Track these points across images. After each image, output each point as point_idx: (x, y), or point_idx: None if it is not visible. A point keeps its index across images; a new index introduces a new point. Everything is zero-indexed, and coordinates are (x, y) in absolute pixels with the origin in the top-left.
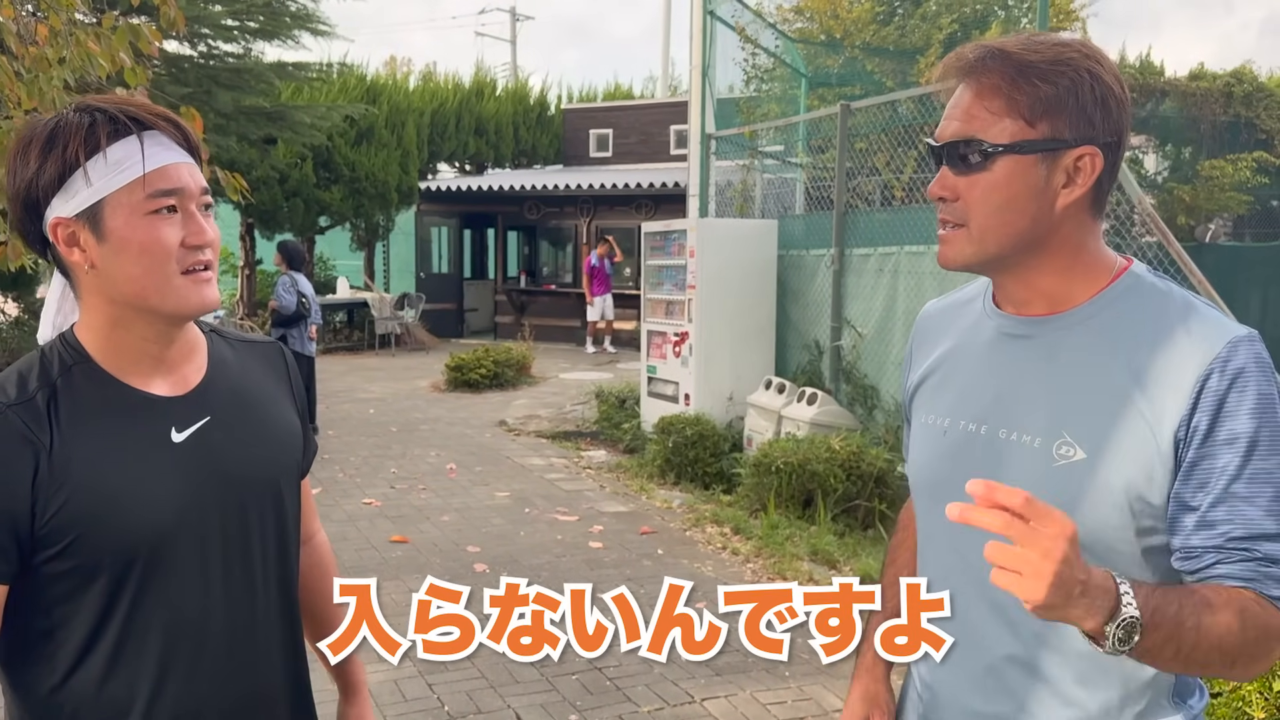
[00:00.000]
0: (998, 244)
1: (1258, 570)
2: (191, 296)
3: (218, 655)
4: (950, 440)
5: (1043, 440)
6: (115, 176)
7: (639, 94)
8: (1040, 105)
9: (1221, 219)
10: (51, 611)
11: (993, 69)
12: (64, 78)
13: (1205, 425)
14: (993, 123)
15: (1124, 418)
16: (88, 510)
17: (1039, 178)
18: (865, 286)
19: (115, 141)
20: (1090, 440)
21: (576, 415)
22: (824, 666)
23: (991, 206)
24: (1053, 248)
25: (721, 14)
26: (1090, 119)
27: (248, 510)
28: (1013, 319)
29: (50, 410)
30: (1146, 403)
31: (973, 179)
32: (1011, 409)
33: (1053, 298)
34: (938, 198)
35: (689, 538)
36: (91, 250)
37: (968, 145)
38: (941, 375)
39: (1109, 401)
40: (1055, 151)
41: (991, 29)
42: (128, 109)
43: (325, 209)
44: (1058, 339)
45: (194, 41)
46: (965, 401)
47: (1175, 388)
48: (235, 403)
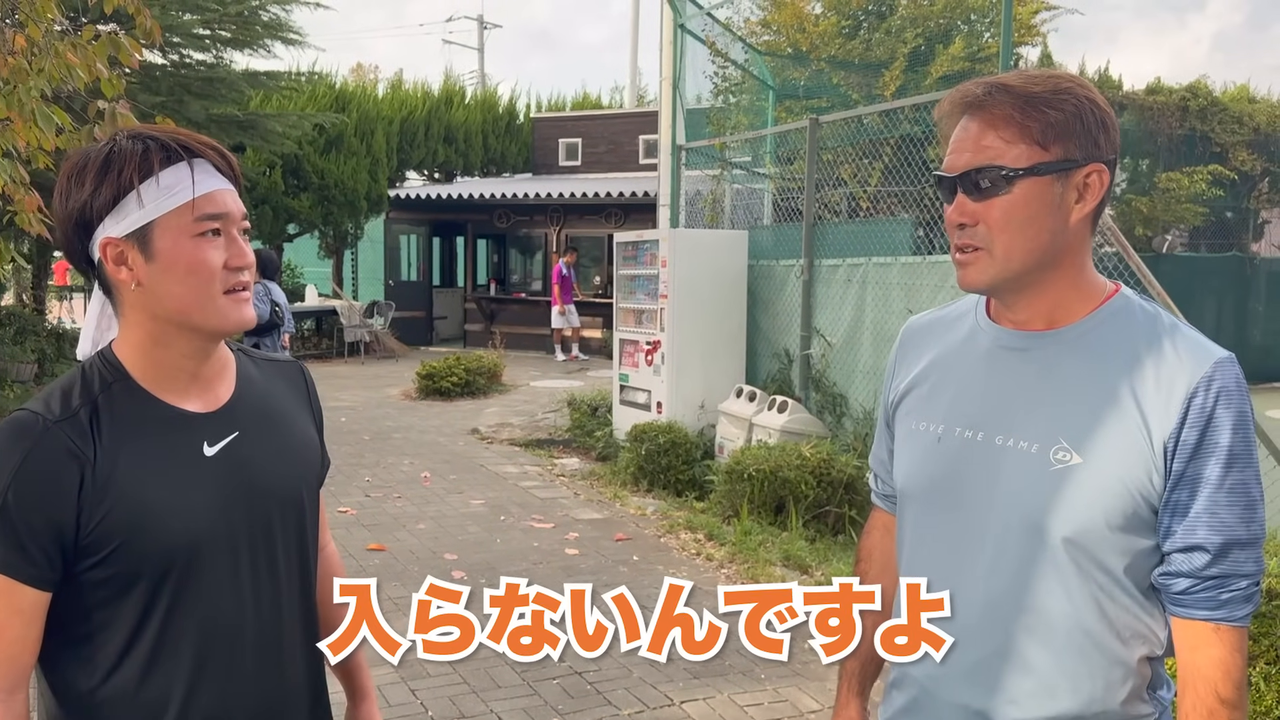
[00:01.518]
0: (1021, 261)
1: (1219, 599)
2: (232, 314)
3: (247, 659)
4: (945, 446)
5: (1040, 446)
6: (166, 200)
7: (607, 103)
8: (1051, 130)
9: (1178, 230)
10: (91, 616)
11: (1001, 101)
12: (42, 88)
13: (1194, 438)
14: (1007, 150)
15: (1119, 426)
16: (128, 520)
17: (1055, 196)
18: (834, 296)
19: (167, 167)
20: (1087, 446)
21: (549, 423)
22: (799, 669)
23: (1014, 226)
24: (1064, 263)
25: (692, 28)
26: (1095, 139)
27: (273, 521)
28: (1011, 333)
29: (93, 425)
30: (1139, 413)
31: (991, 203)
32: (1009, 417)
33: (1052, 315)
34: (957, 225)
35: (663, 544)
36: (139, 269)
37: (984, 172)
38: (932, 384)
39: (1104, 411)
40: (1068, 171)
41: (955, 43)
42: (178, 137)
43: (294, 217)
44: (1055, 353)
45: (166, 50)
46: (960, 409)
47: (1166, 402)
48: (261, 418)
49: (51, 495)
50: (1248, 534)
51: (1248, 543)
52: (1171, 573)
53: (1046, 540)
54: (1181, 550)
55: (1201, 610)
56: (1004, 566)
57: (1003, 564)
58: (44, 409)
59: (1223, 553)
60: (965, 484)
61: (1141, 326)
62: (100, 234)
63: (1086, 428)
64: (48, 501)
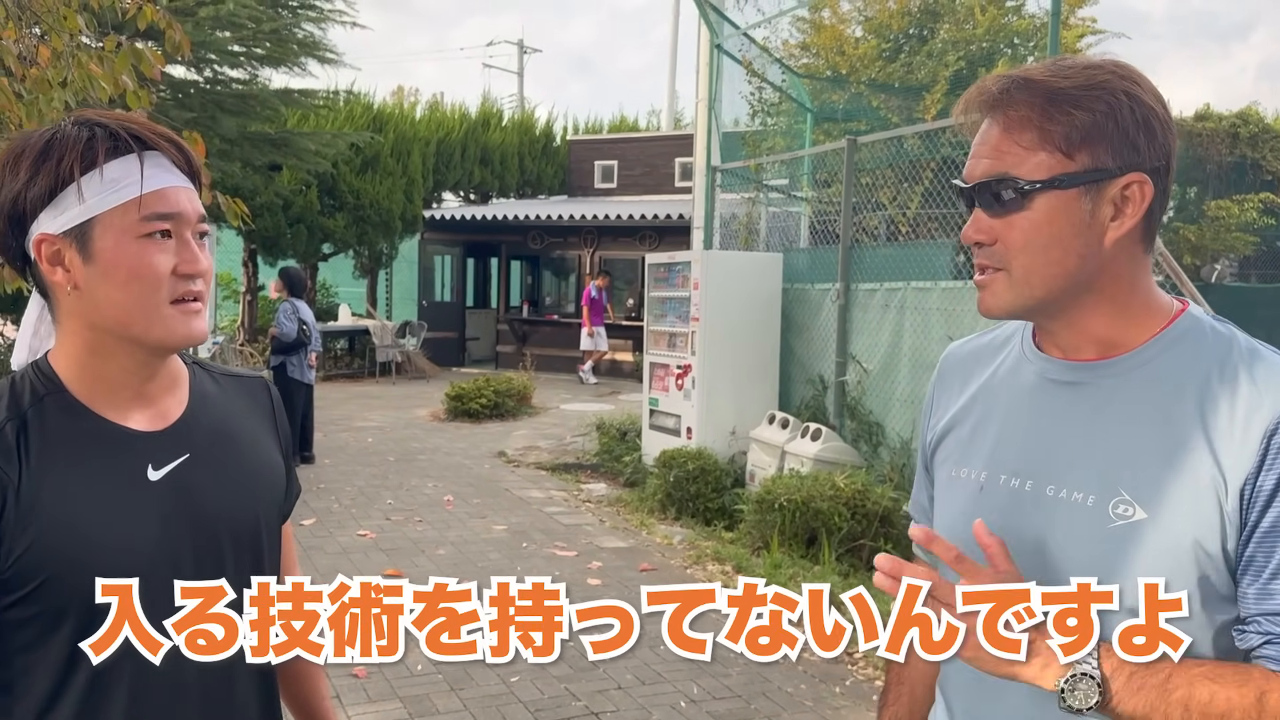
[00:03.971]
0: (1044, 287)
1: None
2: (179, 328)
3: (190, 710)
4: (989, 496)
5: (1097, 498)
6: (110, 195)
7: (644, 127)
8: (1077, 134)
9: (1227, 259)
10: (12, 662)
11: (1020, 100)
12: (65, 99)
13: (1273, 484)
14: (1026, 158)
15: (1187, 472)
16: (56, 552)
17: (1084, 212)
18: (871, 322)
19: (114, 159)
20: (1150, 498)
21: (577, 447)
22: (843, 704)
23: (1035, 248)
24: (1104, 287)
25: (728, 48)
26: (1134, 144)
27: (224, 555)
28: (1059, 364)
29: (19, 443)
30: (1211, 456)
31: (1010, 220)
32: (1060, 463)
33: (1105, 342)
34: (974, 243)
35: (690, 575)
36: (76, 271)
37: (1001, 184)
38: (973, 424)
39: (1169, 454)
40: (1099, 183)
41: (998, 67)
42: (129, 126)
43: (329, 236)
44: (1111, 386)
45: (200, 67)
46: (1004, 453)
47: (1242, 441)
48: (216, 440)
49: None
50: None
51: None
52: (1250, 633)
53: (1109, 615)
54: (1259, 616)
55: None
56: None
57: None
58: None
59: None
60: (1012, 541)
61: (1213, 351)
62: (35, 229)
63: (1149, 475)
64: None
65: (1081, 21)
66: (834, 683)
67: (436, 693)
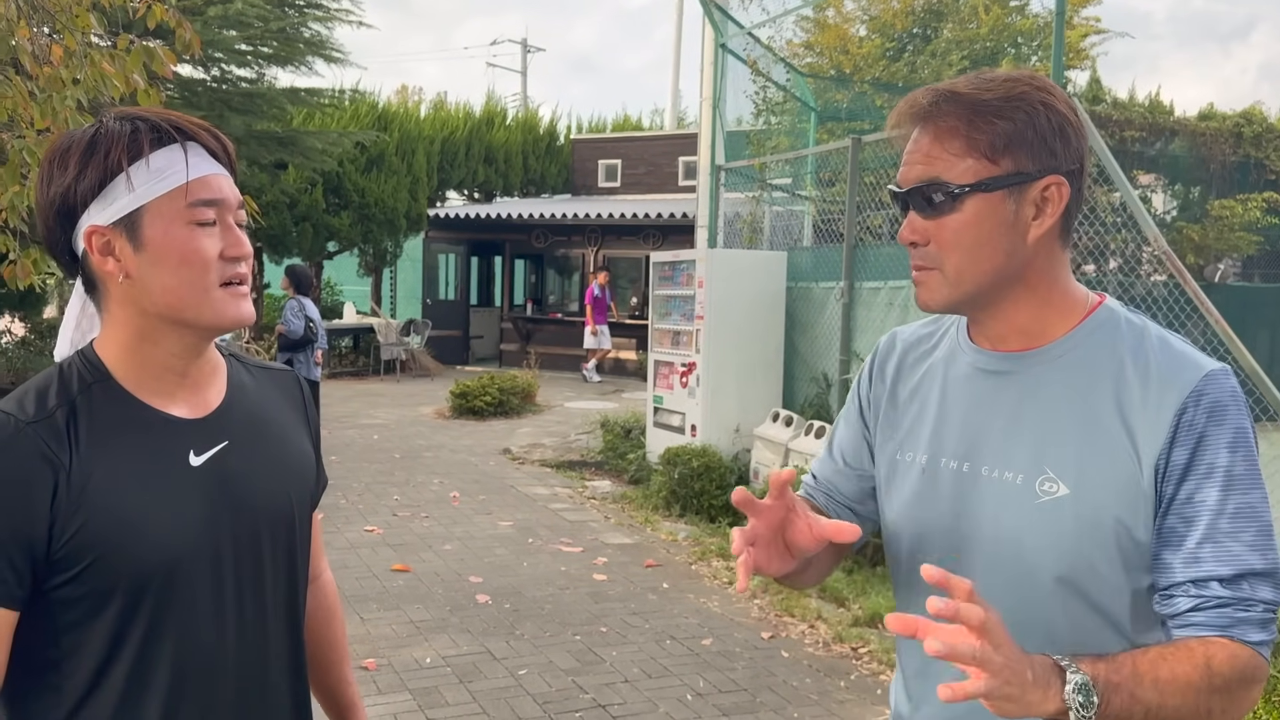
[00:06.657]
0: (975, 282)
1: (1232, 616)
2: (229, 309)
3: (228, 691)
4: (932, 478)
5: (1025, 477)
6: (157, 184)
7: (647, 126)
8: (1000, 141)
9: (1231, 259)
10: (60, 641)
11: (948, 111)
12: (77, 98)
13: (1184, 459)
14: (955, 164)
15: (1105, 451)
16: (105, 533)
17: (1008, 212)
18: (875, 320)
19: (158, 149)
20: (1072, 475)
21: (581, 445)
22: (834, 708)
23: (964, 246)
24: (1029, 282)
25: (733, 47)
26: (1051, 149)
27: (261, 540)
28: (989, 354)
29: (70, 428)
30: (1127, 436)
31: (941, 221)
32: (992, 445)
33: (1029, 333)
34: (909, 243)
35: (694, 571)
36: (127, 260)
37: (932, 188)
38: (915, 411)
39: (1089, 435)
40: (1021, 185)
41: (1002, 67)
42: (170, 119)
43: (334, 234)
44: (1036, 374)
45: (207, 66)
46: (944, 437)
47: (1154, 421)
48: (253, 429)
49: (22, 503)
50: (1263, 564)
51: (1264, 573)
52: (1179, 597)
53: (1037, 581)
54: (1186, 583)
55: (1208, 630)
56: (994, 608)
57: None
58: (17, 409)
59: (1234, 584)
60: (956, 520)
61: (1127, 340)
62: (85, 222)
63: (1072, 454)
64: (17, 510)
65: (1085, 21)
66: (839, 677)
67: (445, 685)
